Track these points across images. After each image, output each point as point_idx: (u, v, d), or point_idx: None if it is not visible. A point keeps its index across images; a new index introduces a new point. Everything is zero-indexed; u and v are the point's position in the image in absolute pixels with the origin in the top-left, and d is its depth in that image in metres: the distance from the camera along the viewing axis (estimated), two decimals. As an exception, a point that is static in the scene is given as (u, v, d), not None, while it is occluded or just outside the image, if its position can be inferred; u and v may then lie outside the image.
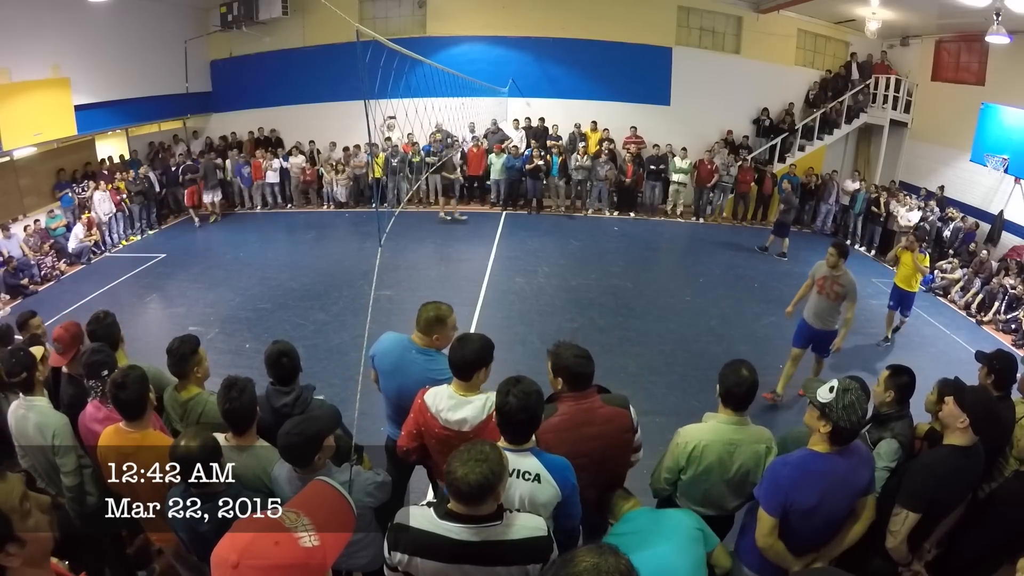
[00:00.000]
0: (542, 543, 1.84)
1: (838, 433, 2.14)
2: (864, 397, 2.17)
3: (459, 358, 2.46)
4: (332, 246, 10.73)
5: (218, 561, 1.35)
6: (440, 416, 2.49)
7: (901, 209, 10.63)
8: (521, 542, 1.81)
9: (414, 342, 2.89)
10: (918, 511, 2.31)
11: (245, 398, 2.39)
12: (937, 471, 2.34)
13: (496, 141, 12.41)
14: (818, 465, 2.19)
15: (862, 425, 2.16)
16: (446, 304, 2.91)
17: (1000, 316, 8.50)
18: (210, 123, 13.64)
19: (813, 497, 2.17)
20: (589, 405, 2.43)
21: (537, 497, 2.13)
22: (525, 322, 7.49)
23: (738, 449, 2.44)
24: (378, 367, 2.94)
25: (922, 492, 2.31)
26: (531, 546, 1.82)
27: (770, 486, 2.24)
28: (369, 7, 13.13)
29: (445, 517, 1.80)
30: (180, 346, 2.80)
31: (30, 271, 8.85)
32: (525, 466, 2.15)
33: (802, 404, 3.02)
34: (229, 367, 5.47)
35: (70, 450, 2.63)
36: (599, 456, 2.39)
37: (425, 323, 2.85)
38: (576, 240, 10.98)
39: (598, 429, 2.38)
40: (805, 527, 2.24)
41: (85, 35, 10.05)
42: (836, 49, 13.57)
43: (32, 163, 9.98)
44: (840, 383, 2.18)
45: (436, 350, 2.88)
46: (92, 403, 2.70)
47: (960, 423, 2.34)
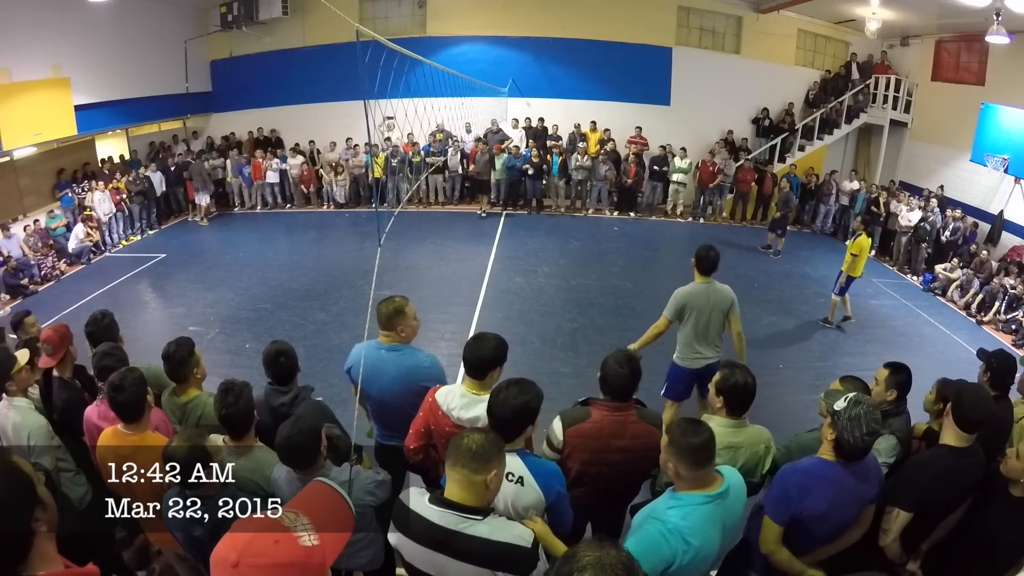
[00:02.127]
0: (520, 553, 1.79)
1: (840, 444, 2.12)
2: (876, 416, 2.12)
3: (475, 357, 2.46)
4: (332, 246, 10.73)
5: (217, 560, 1.35)
6: (452, 414, 2.48)
7: (902, 209, 10.63)
8: (498, 545, 1.78)
9: (381, 343, 2.90)
10: (910, 510, 2.30)
11: (242, 403, 2.38)
12: (931, 471, 2.33)
13: (496, 141, 12.41)
14: (828, 472, 2.17)
15: (867, 443, 2.10)
16: (400, 296, 2.95)
17: (1000, 316, 8.50)
18: (210, 123, 13.64)
19: (823, 504, 2.16)
20: (623, 418, 2.41)
21: (519, 500, 2.10)
22: (525, 322, 7.49)
23: (738, 452, 2.43)
24: (354, 378, 2.90)
25: (914, 491, 2.31)
26: (507, 552, 1.78)
27: (778, 494, 2.21)
28: (369, 7, 13.13)
29: (434, 502, 1.81)
30: (177, 350, 2.78)
31: (30, 271, 8.85)
32: (509, 467, 2.12)
33: (797, 408, 3.05)
34: (229, 367, 5.50)
35: (46, 451, 2.63)
36: (621, 469, 2.37)
37: (386, 319, 2.87)
38: (576, 240, 10.98)
39: (626, 443, 2.36)
40: (813, 534, 2.22)
41: (85, 35, 10.05)
42: (836, 49, 13.57)
43: (32, 163, 9.98)
44: (855, 396, 2.17)
45: (403, 343, 2.90)
46: (102, 402, 2.68)
47: (950, 422, 2.34)
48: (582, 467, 2.39)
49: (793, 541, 2.24)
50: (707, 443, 1.91)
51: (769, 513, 2.22)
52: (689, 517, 1.89)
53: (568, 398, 2.71)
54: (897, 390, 2.76)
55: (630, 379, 2.40)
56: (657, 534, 1.88)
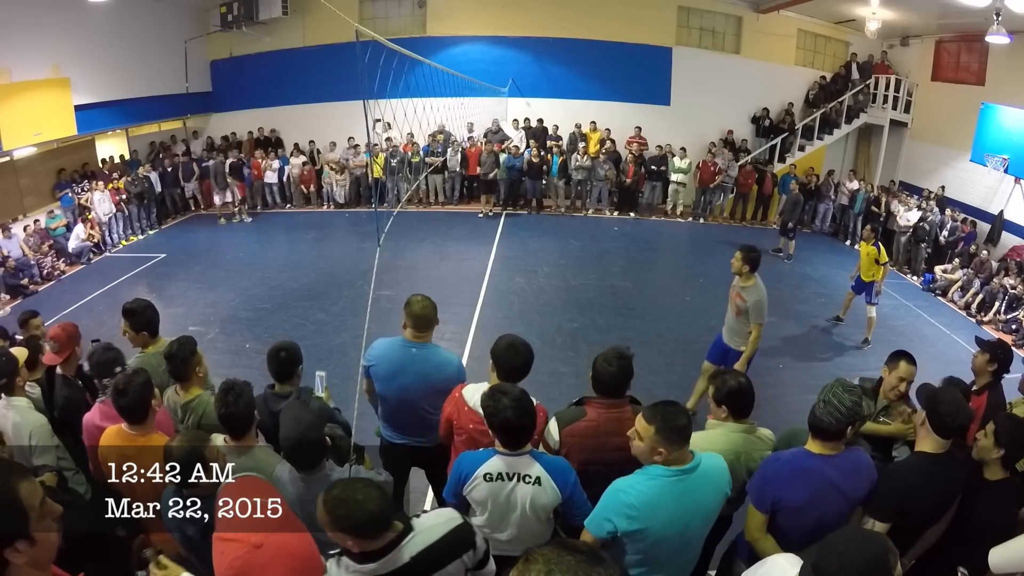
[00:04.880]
0: (461, 530, 1.84)
1: (813, 425, 2.17)
2: (858, 403, 2.14)
3: (511, 365, 2.51)
4: (332, 246, 10.74)
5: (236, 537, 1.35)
6: (479, 410, 2.51)
7: (901, 209, 10.63)
8: (442, 541, 1.80)
9: (409, 340, 2.90)
10: (886, 520, 2.22)
11: (242, 402, 2.37)
12: (905, 479, 2.26)
13: (496, 141, 12.42)
14: (808, 463, 2.18)
15: (840, 424, 2.12)
16: (425, 296, 2.96)
17: (1000, 316, 8.50)
18: (210, 123, 13.63)
19: (802, 495, 2.16)
20: (619, 415, 2.43)
21: (538, 500, 2.16)
22: (525, 322, 7.48)
23: (747, 455, 2.44)
24: (375, 374, 2.93)
25: (888, 501, 2.23)
26: (452, 540, 1.81)
27: (759, 481, 2.25)
28: (369, 7, 13.13)
29: (344, 559, 1.73)
30: (179, 349, 2.77)
31: (30, 271, 8.85)
32: (526, 470, 2.17)
33: (798, 408, 3.03)
34: (229, 367, 5.50)
35: (47, 450, 2.63)
36: (618, 468, 2.38)
37: (425, 320, 2.88)
38: (576, 240, 10.98)
39: (623, 440, 2.36)
40: (793, 526, 2.21)
41: (85, 35, 10.05)
42: (836, 49, 13.57)
43: (32, 163, 9.98)
44: (838, 381, 2.18)
45: (430, 342, 2.92)
46: (103, 402, 2.68)
47: (927, 429, 2.30)
48: (580, 467, 2.40)
49: (778, 535, 2.24)
50: (689, 422, 2.05)
51: (752, 500, 2.26)
52: (638, 486, 2.00)
53: (568, 398, 2.72)
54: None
55: (621, 376, 2.44)
56: (605, 499, 2.04)
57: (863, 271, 7.38)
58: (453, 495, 2.31)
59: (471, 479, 2.22)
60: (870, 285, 7.29)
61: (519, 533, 2.29)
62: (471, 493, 2.24)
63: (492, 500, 2.23)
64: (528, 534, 2.30)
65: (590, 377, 2.52)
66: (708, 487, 2.07)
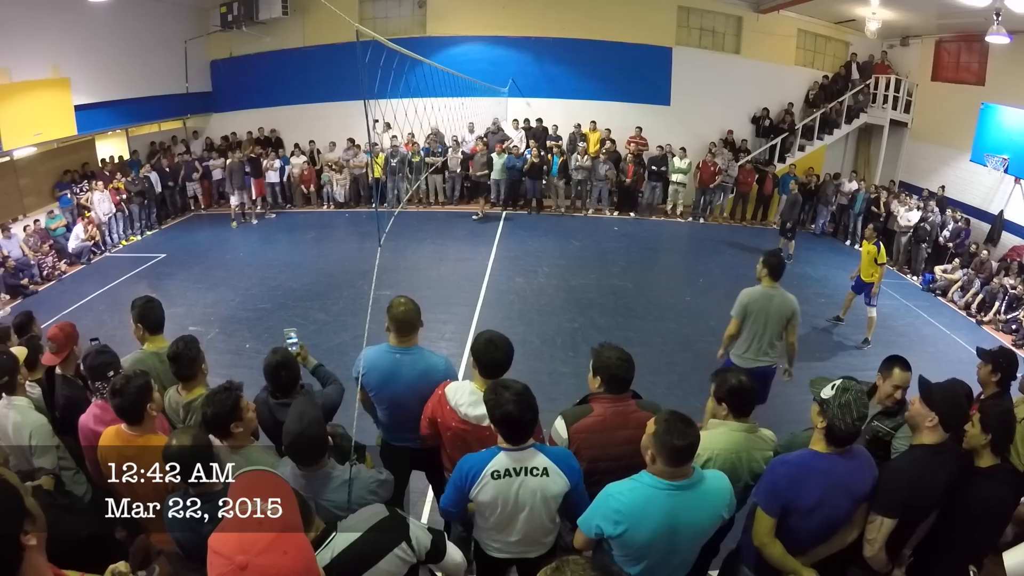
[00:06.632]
0: (392, 520, 1.80)
1: (832, 431, 2.12)
2: (864, 401, 2.14)
3: (491, 360, 2.52)
4: (332, 246, 10.74)
5: (223, 555, 1.34)
6: (459, 410, 2.53)
7: (901, 209, 10.63)
8: (369, 534, 1.76)
9: (394, 346, 2.88)
10: (894, 516, 2.24)
11: (228, 403, 2.34)
12: (909, 474, 2.28)
13: (497, 141, 12.42)
14: (818, 464, 2.17)
15: (857, 428, 2.12)
16: (405, 296, 2.94)
17: (1000, 316, 8.50)
18: (210, 123, 13.64)
19: (813, 496, 2.15)
20: (624, 408, 2.44)
21: (548, 490, 2.17)
22: (525, 322, 7.49)
23: (748, 455, 2.43)
24: (367, 383, 2.91)
25: (896, 496, 2.25)
26: (380, 534, 1.77)
27: (768, 485, 2.22)
28: (369, 7, 13.13)
29: None
30: (184, 349, 2.75)
31: (30, 271, 8.85)
32: (532, 462, 2.17)
33: (798, 408, 3.05)
34: (229, 367, 5.50)
35: (48, 450, 2.61)
36: (627, 461, 2.37)
37: (408, 325, 2.86)
38: (576, 240, 10.98)
39: (631, 433, 2.36)
40: (804, 527, 2.21)
41: (85, 35, 10.05)
42: (836, 49, 13.57)
43: (32, 163, 9.98)
44: (842, 383, 2.16)
45: (415, 345, 2.91)
46: (97, 404, 2.68)
47: (929, 422, 2.31)
48: (590, 464, 2.40)
49: (787, 537, 2.23)
50: (690, 446, 1.96)
51: (761, 504, 2.23)
52: (628, 493, 1.99)
53: (568, 398, 2.72)
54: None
55: (630, 367, 2.44)
56: (596, 501, 2.05)
57: (863, 271, 7.38)
58: (454, 503, 2.29)
59: (479, 479, 2.20)
60: (870, 286, 7.30)
61: (528, 532, 2.29)
62: (479, 494, 2.22)
63: (501, 499, 2.21)
64: (538, 534, 2.31)
65: (593, 368, 2.51)
66: (703, 507, 2.03)
